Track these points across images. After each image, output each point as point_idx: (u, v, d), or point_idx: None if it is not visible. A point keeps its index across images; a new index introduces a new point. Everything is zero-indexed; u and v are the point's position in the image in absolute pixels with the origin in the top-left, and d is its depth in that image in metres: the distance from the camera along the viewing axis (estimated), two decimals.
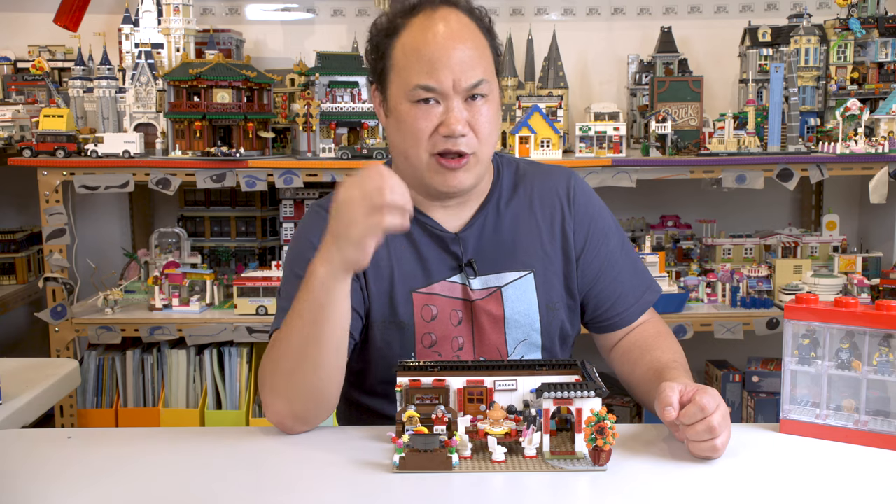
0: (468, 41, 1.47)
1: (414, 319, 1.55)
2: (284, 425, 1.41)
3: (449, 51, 1.45)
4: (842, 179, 3.33)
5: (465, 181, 1.51)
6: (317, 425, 1.43)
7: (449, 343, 1.56)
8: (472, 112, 1.48)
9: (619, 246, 1.66)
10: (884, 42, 2.99)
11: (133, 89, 2.90)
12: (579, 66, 3.41)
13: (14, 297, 3.19)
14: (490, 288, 1.57)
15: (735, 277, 2.92)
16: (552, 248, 1.61)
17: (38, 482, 1.24)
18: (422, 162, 1.49)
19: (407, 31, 1.49)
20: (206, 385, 2.91)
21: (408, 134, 1.49)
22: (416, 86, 1.46)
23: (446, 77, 1.45)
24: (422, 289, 1.56)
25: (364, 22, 3.38)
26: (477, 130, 1.48)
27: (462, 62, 1.45)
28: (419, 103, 1.47)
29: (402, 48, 1.49)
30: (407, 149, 1.50)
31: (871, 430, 1.34)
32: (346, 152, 2.83)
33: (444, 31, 1.46)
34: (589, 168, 2.76)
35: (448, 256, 1.57)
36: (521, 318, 1.57)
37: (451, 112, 1.46)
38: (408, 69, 1.47)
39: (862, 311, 1.33)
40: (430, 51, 1.45)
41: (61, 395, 1.83)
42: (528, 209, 1.62)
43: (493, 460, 1.25)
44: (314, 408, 1.41)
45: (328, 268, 1.32)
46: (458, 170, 1.49)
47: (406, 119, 1.48)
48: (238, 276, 2.87)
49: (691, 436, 1.28)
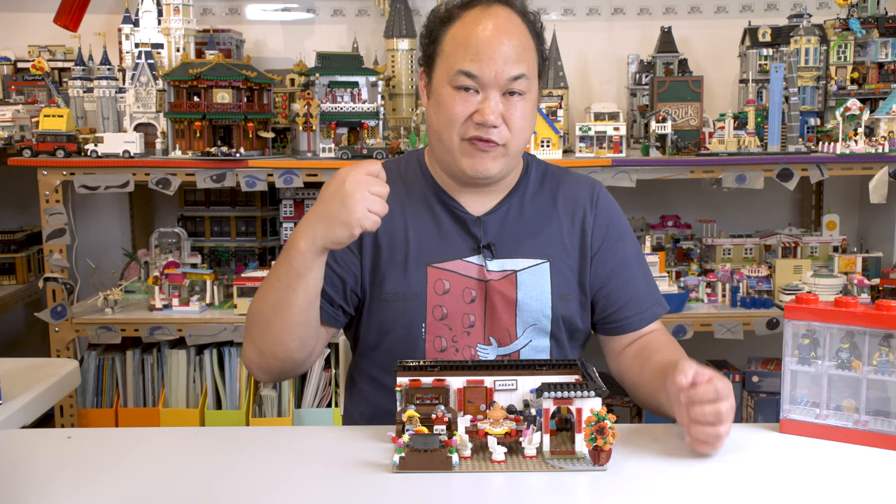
0: (515, 38, 1.55)
1: (426, 291, 1.60)
2: (254, 372, 1.59)
3: (495, 44, 1.52)
4: (842, 179, 3.33)
5: (491, 168, 1.57)
6: (282, 380, 1.52)
7: (460, 319, 1.60)
8: (508, 106, 1.54)
9: (634, 254, 1.71)
10: (884, 42, 2.99)
11: (133, 89, 2.90)
12: (579, 66, 3.41)
13: (14, 297, 3.19)
14: (506, 271, 1.61)
15: (735, 277, 2.92)
16: (570, 243, 1.66)
17: (38, 482, 1.24)
18: (454, 144, 1.56)
19: (460, 21, 1.57)
20: (206, 385, 2.91)
21: (444, 116, 1.56)
22: (459, 70, 1.53)
23: (489, 67, 1.52)
24: (438, 263, 1.61)
25: (364, 22, 3.38)
26: (510, 124, 1.55)
27: (506, 56, 1.52)
28: (459, 90, 1.54)
29: (453, 36, 1.57)
30: (441, 130, 1.57)
31: (871, 430, 1.34)
32: (346, 152, 2.83)
33: (494, 26, 1.54)
34: (589, 168, 2.75)
35: (468, 237, 1.63)
36: (533, 304, 1.61)
37: (487, 102, 1.53)
38: (454, 55, 1.55)
39: (862, 311, 1.33)
40: (477, 41, 1.53)
41: (61, 395, 1.83)
42: (552, 204, 1.68)
43: (493, 460, 1.26)
44: (280, 364, 1.55)
45: (309, 244, 1.42)
46: (486, 154, 1.55)
47: (445, 102, 1.55)
48: (238, 276, 2.87)
49: (697, 416, 1.28)
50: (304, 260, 1.43)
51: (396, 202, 1.61)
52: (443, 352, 1.59)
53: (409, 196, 1.66)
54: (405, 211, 1.64)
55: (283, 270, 1.46)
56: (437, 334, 1.60)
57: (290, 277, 1.45)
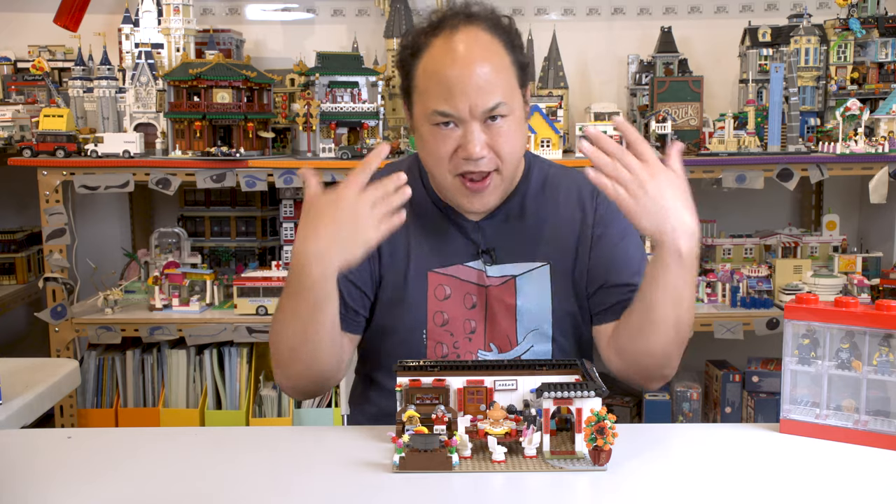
0: (487, 63, 1.48)
1: (427, 297, 1.58)
2: (290, 394, 1.62)
3: (466, 76, 1.46)
4: (842, 179, 3.33)
5: (490, 202, 1.56)
6: (320, 395, 1.54)
7: (461, 324, 1.59)
8: (492, 134, 1.49)
9: (635, 246, 1.64)
10: (884, 42, 2.99)
11: (133, 89, 2.90)
12: (579, 66, 3.41)
13: (14, 297, 3.19)
14: (505, 276, 1.60)
15: (735, 277, 2.92)
16: (571, 242, 1.62)
17: (38, 482, 1.24)
18: (447, 182, 1.54)
19: (428, 52, 1.51)
20: (206, 385, 2.91)
21: (430, 155, 1.53)
22: (433, 111, 1.49)
23: (462, 103, 1.46)
24: (438, 269, 1.60)
25: (364, 22, 3.38)
26: (497, 150, 1.50)
27: (479, 88, 1.46)
28: (438, 126, 1.49)
29: (423, 70, 1.52)
30: (432, 168, 1.56)
31: (871, 430, 1.34)
32: (346, 152, 2.83)
33: (463, 55, 1.47)
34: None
35: (468, 242, 1.61)
36: (533, 308, 1.59)
37: (469, 135, 1.48)
38: (427, 93, 1.50)
39: (862, 311, 1.33)
40: (447, 76, 1.47)
41: (61, 395, 1.83)
42: (553, 206, 1.64)
43: (493, 460, 1.25)
44: (314, 385, 1.55)
45: (324, 270, 1.37)
46: (482, 192, 1.53)
47: (427, 141, 1.52)
48: (238, 276, 2.87)
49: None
50: (322, 288, 1.38)
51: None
52: (444, 358, 1.58)
53: (409, 202, 1.62)
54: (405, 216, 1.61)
55: (300, 301, 1.41)
56: (439, 340, 1.59)
57: (310, 308, 1.40)
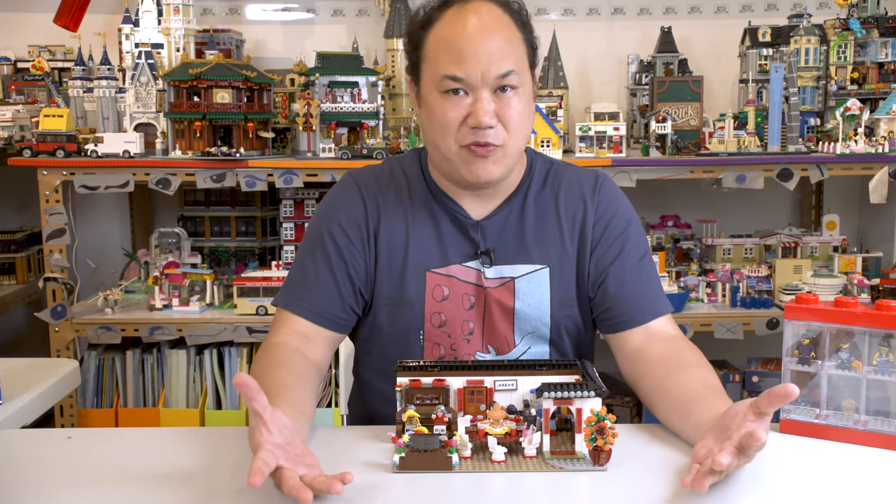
0: (498, 32, 1.48)
1: (424, 298, 1.56)
2: None
3: (478, 42, 1.46)
4: (842, 179, 3.33)
5: (493, 172, 1.52)
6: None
7: (459, 326, 1.57)
8: (501, 104, 1.48)
9: (636, 246, 1.62)
10: (884, 42, 3.00)
11: (133, 89, 2.90)
12: (579, 66, 3.41)
13: (14, 297, 3.19)
14: (503, 278, 1.58)
15: (735, 277, 2.92)
16: (571, 243, 1.60)
17: (38, 482, 1.24)
18: (451, 152, 1.51)
19: (439, 23, 1.51)
20: (206, 385, 2.92)
21: (437, 125, 1.50)
22: (444, 76, 1.47)
23: (474, 68, 1.45)
24: (437, 269, 1.58)
25: (364, 22, 3.38)
26: (506, 122, 1.48)
27: (491, 53, 1.46)
28: (448, 94, 1.48)
29: (434, 39, 1.51)
30: (437, 139, 1.52)
31: (871, 430, 1.34)
32: (346, 152, 2.83)
33: (475, 23, 1.47)
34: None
35: (467, 242, 1.59)
36: (531, 312, 1.57)
37: (479, 103, 1.46)
38: (438, 60, 1.49)
39: (862, 311, 1.33)
40: (459, 42, 1.46)
41: (61, 395, 1.83)
42: (554, 205, 1.62)
43: (493, 460, 1.25)
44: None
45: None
46: (486, 159, 1.49)
47: (436, 110, 1.50)
48: (238, 276, 2.87)
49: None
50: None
51: (397, 204, 1.60)
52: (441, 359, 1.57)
53: (410, 198, 1.61)
54: (406, 214, 1.59)
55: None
56: (436, 342, 1.57)
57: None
